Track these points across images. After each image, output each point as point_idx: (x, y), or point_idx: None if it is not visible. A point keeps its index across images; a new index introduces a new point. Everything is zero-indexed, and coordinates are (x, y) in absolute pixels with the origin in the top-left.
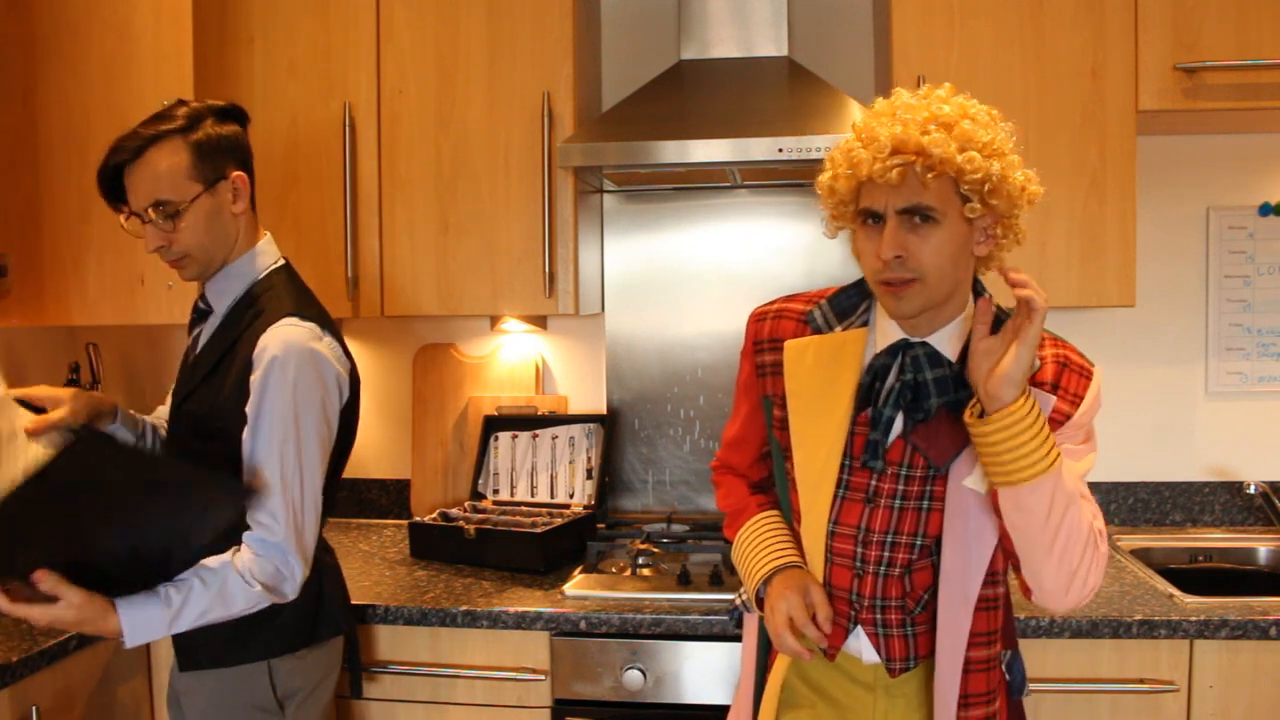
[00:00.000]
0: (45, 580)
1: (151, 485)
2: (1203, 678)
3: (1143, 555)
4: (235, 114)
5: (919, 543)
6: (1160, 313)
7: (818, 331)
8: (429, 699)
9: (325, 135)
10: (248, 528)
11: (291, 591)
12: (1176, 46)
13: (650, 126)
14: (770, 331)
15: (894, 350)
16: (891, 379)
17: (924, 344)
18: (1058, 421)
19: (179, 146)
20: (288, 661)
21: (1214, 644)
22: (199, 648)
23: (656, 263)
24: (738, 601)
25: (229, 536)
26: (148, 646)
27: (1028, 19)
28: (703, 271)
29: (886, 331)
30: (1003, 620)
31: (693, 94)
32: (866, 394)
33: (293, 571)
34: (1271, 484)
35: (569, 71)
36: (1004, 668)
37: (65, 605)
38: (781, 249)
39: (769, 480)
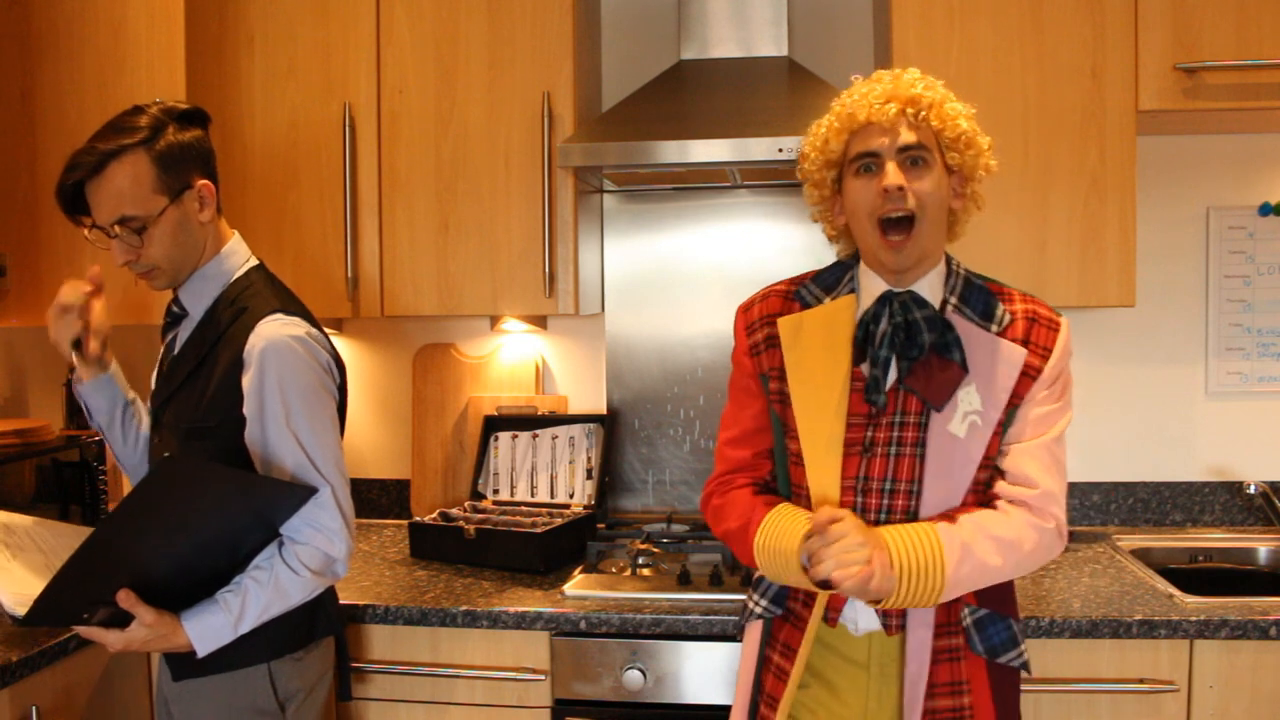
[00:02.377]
0: (127, 599)
1: (221, 496)
2: (1203, 678)
3: (1143, 555)
4: (198, 117)
5: (916, 489)
6: (1160, 313)
7: (806, 306)
8: (429, 699)
9: (325, 135)
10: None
11: (343, 570)
12: (1176, 46)
13: (650, 126)
14: (760, 311)
15: (881, 301)
16: (884, 324)
17: (908, 291)
18: (1030, 376)
19: (141, 160)
20: (287, 663)
21: (1214, 644)
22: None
23: (656, 263)
24: (758, 609)
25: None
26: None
27: (1028, 19)
28: (703, 271)
29: (871, 291)
30: None
31: (693, 94)
32: (862, 346)
33: (340, 551)
34: (1271, 484)
35: (569, 71)
36: (972, 623)
37: (138, 625)
38: (781, 249)
39: (773, 476)
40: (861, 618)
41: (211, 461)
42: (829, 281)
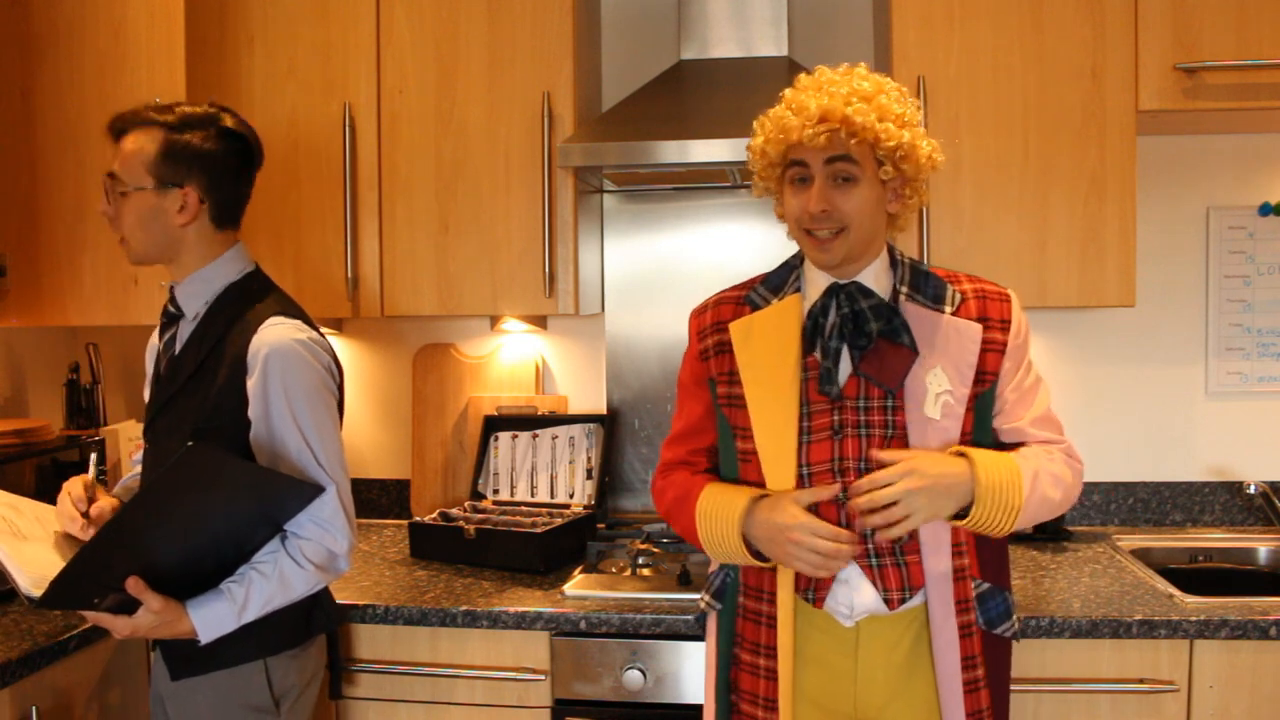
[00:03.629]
0: (135, 586)
1: (236, 488)
2: (1203, 678)
3: (1143, 555)
4: (236, 136)
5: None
6: (1160, 313)
7: (757, 309)
8: (429, 699)
9: (325, 135)
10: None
11: (345, 565)
12: (1176, 46)
13: (650, 126)
14: (712, 318)
15: (828, 294)
16: (832, 316)
17: (853, 282)
18: (995, 350)
19: (152, 136)
20: (282, 660)
21: (1214, 644)
22: (193, 653)
23: (656, 263)
24: (702, 604)
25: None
26: (146, 649)
27: (1028, 19)
28: (703, 271)
29: (818, 285)
30: (976, 553)
31: (693, 94)
32: (811, 338)
33: (342, 547)
34: (1271, 484)
35: (569, 71)
36: (975, 598)
37: (145, 611)
38: (781, 249)
39: (714, 470)
40: (858, 600)
41: (230, 453)
42: (776, 283)
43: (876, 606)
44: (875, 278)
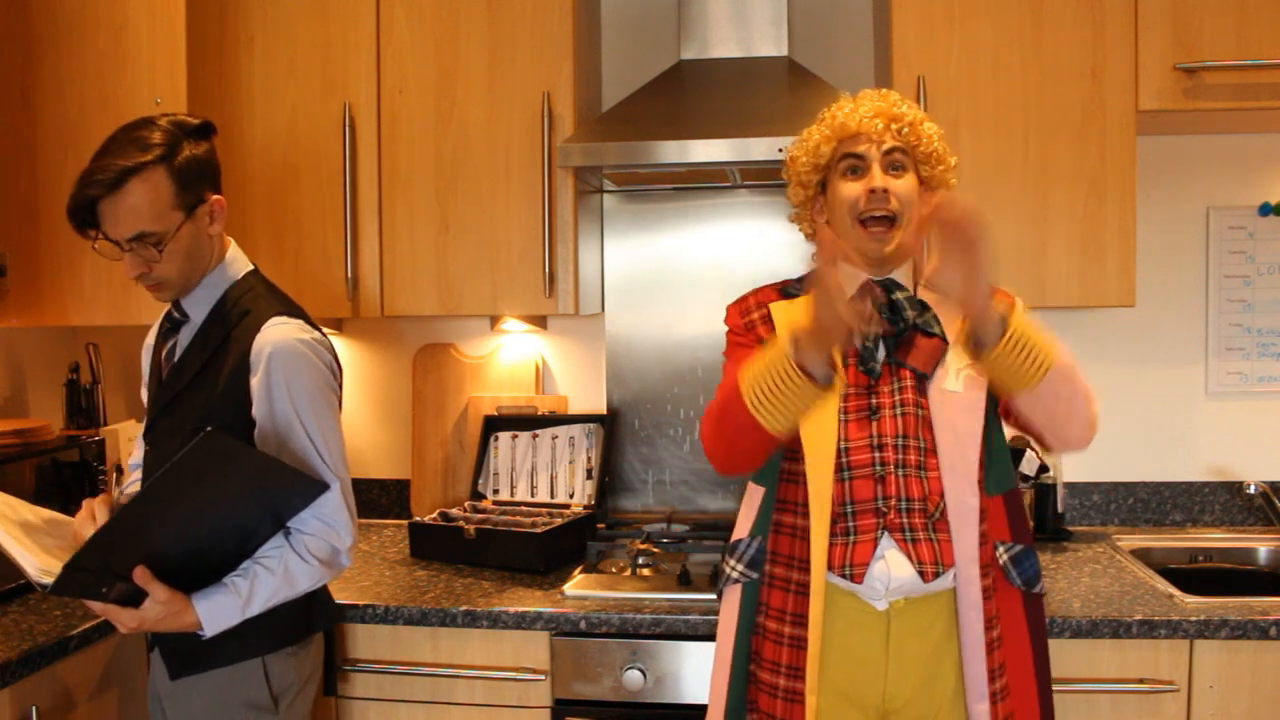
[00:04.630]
0: (142, 575)
1: (245, 478)
2: (1203, 678)
3: (1143, 555)
4: (207, 130)
5: (923, 444)
6: (1160, 313)
7: (795, 298)
8: (429, 699)
9: (325, 135)
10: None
11: (347, 561)
12: (1176, 46)
13: (650, 126)
14: (755, 300)
15: (863, 289)
16: (869, 306)
17: (887, 278)
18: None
19: (161, 176)
20: (281, 657)
21: (1214, 644)
22: (193, 651)
23: (656, 263)
24: (734, 574)
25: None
26: (145, 648)
27: (1028, 19)
28: (703, 271)
29: (852, 282)
30: (1007, 518)
31: (693, 94)
32: None
33: (345, 543)
34: (1271, 484)
35: (569, 71)
36: (1009, 560)
37: (151, 602)
38: (781, 249)
39: None
40: (895, 574)
41: (243, 442)
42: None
43: (912, 582)
44: (904, 278)
